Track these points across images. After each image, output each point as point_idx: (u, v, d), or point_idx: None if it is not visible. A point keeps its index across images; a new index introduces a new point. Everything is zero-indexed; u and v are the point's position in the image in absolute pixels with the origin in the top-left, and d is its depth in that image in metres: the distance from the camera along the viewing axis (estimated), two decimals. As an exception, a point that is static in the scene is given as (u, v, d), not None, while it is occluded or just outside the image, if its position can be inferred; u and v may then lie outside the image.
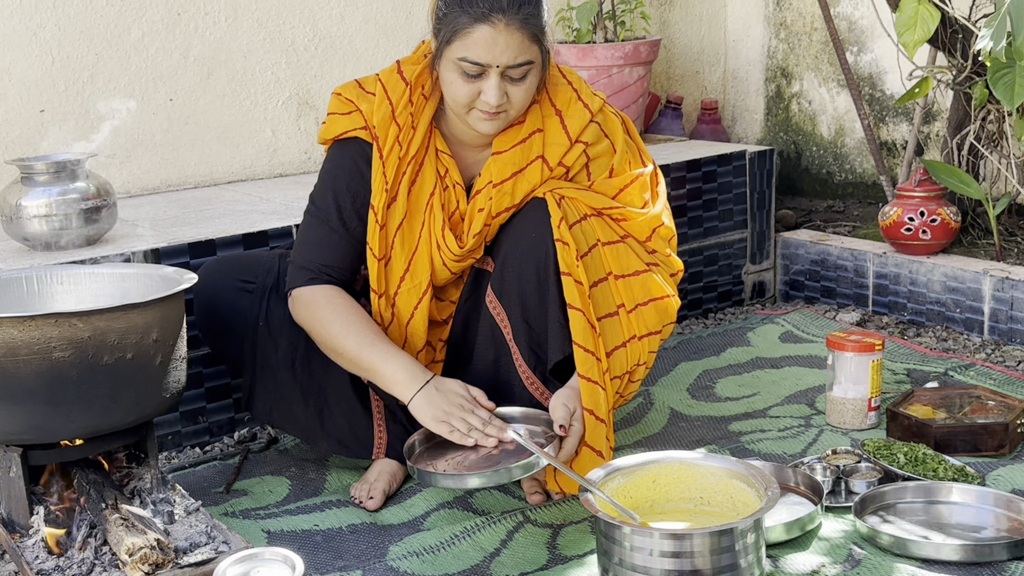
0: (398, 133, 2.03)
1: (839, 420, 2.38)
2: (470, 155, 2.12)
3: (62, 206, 2.31)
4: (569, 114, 2.06)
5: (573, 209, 2.02)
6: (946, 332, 2.95)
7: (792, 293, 3.38)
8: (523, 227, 2.03)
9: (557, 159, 2.06)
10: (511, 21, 1.90)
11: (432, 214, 2.06)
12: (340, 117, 2.08)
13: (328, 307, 2.04)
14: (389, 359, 1.99)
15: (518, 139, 2.05)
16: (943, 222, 2.98)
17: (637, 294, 2.03)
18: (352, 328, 2.02)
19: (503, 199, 2.05)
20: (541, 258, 2.00)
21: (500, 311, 2.07)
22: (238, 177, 3.17)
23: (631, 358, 2.02)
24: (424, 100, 2.06)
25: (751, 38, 4.16)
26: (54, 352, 1.73)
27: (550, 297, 2.01)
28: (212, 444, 2.46)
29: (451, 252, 2.05)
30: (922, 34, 2.83)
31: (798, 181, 4.10)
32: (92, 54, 2.90)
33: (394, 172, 2.04)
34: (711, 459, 1.84)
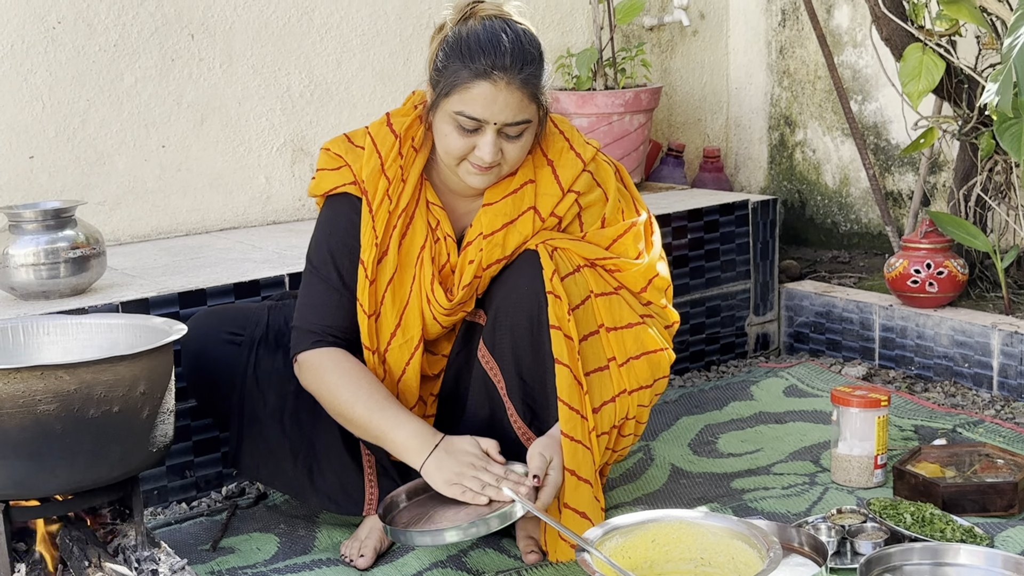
0: (387, 187, 2.05)
1: (844, 478, 2.38)
2: (461, 205, 2.13)
3: (50, 255, 2.32)
4: (561, 164, 2.08)
5: (566, 261, 2.03)
6: (954, 387, 2.95)
7: (796, 346, 3.38)
8: (515, 280, 2.05)
9: (549, 210, 2.07)
10: (512, 80, 1.93)
11: (422, 267, 2.07)
12: (329, 173, 2.10)
13: (336, 372, 2.04)
14: (398, 425, 1.99)
15: (509, 190, 2.07)
16: (950, 275, 2.99)
17: (630, 347, 2.04)
18: (361, 393, 2.02)
19: (494, 251, 2.06)
20: (534, 311, 2.01)
21: (493, 365, 2.07)
22: (230, 224, 3.19)
23: (619, 413, 2.03)
24: (414, 152, 2.07)
25: (754, 86, 4.20)
26: (39, 405, 1.73)
27: (545, 350, 2.01)
28: (199, 499, 2.45)
29: (440, 306, 2.06)
30: (927, 84, 2.86)
31: (802, 231, 4.12)
32: (83, 100, 2.93)
33: (384, 226, 2.05)
34: (712, 518, 1.83)
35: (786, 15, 4.06)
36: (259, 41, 3.16)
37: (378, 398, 2.01)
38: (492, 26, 1.94)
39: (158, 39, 3.01)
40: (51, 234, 2.34)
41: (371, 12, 3.34)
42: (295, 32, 3.22)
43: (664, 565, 1.81)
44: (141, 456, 1.87)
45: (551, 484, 1.93)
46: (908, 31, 2.96)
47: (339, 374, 2.03)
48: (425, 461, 1.95)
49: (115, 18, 2.94)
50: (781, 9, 4.07)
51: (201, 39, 3.07)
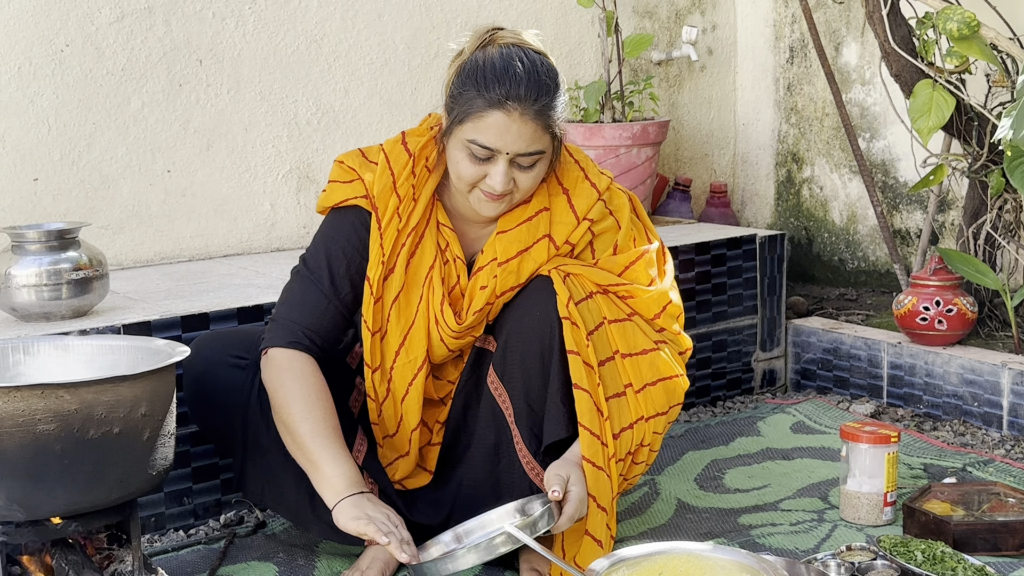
0: (398, 204, 2.05)
1: (854, 515, 2.35)
2: (472, 231, 2.13)
3: (52, 276, 2.31)
4: (576, 193, 2.08)
5: (579, 287, 2.02)
6: (963, 426, 2.93)
7: (803, 383, 3.37)
8: (527, 305, 2.04)
9: (564, 238, 2.07)
10: (526, 111, 1.93)
11: (431, 288, 2.07)
12: (341, 185, 2.10)
13: (299, 382, 2.01)
14: (334, 460, 1.95)
15: (524, 217, 2.07)
16: (959, 312, 2.98)
17: (645, 374, 2.03)
18: (314, 414, 1.98)
19: (508, 278, 2.05)
20: (546, 337, 2.00)
21: (502, 392, 2.06)
22: (234, 251, 3.19)
23: (636, 439, 2.02)
24: (427, 172, 2.07)
25: (761, 122, 4.21)
26: (39, 425, 1.71)
27: (552, 377, 2.00)
28: (196, 527, 2.42)
29: (449, 328, 2.05)
30: (936, 120, 2.87)
31: (809, 268, 4.11)
32: (90, 123, 2.93)
33: (392, 244, 2.05)
34: (721, 551, 1.81)
35: (794, 52, 4.08)
36: (267, 68, 3.17)
37: (327, 426, 1.98)
38: (509, 54, 1.94)
39: (166, 64, 3.02)
40: (54, 255, 2.33)
41: (380, 41, 3.35)
42: (303, 59, 3.23)
43: (671, 599, 1.79)
44: (141, 479, 1.85)
45: (575, 498, 1.90)
46: (918, 67, 2.97)
47: (301, 385, 2.00)
48: (344, 499, 1.91)
49: (123, 42, 2.96)
50: (789, 46, 4.09)
51: (209, 65, 3.08)
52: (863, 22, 3.72)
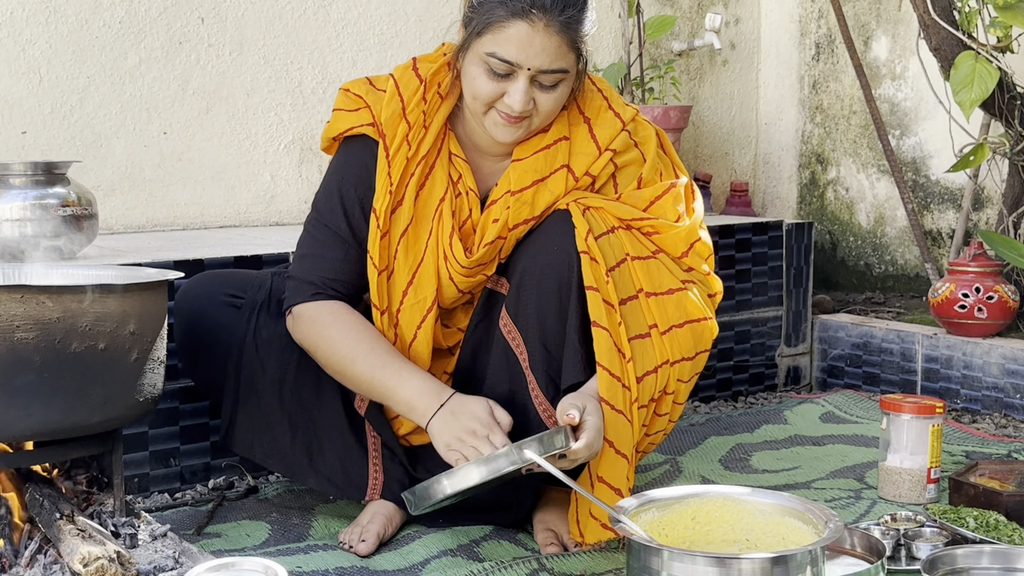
0: (407, 132, 1.95)
1: (894, 492, 2.23)
2: (487, 164, 2.03)
3: (37, 210, 2.21)
4: (599, 123, 1.99)
5: (600, 220, 1.92)
6: (1005, 419, 2.82)
7: (830, 381, 3.25)
8: (544, 240, 1.93)
9: (583, 169, 1.97)
10: (551, 22, 1.83)
11: (441, 221, 1.97)
12: (346, 114, 2.01)
13: (336, 325, 1.93)
14: (404, 382, 1.89)
15: (541, 146, 1.97)
16: (1000, 300, 2.88)
17: (671, 314, 1.91)
18: (363, 348, 1.91)
19: (522, 209, 1.95)
20: (564, 273, 1.89)
21: (516, 335, 1.94)
22: (231, 222, 3.09)
23: (659, 384, 1.90)
24: (439, 99, 1.98)
25: (784, 122, 4.14)
26: (16, 332, 1.60)
27: (571, 316, 1.89)
28: (183, 491, 2.30)
29: (458, 264, 1.95)
30: (980, 92, 2.79)
31: (833, 274, 4.01)
32: (83, 77, 2.85)
33: (400, 173, 1.95)
34: (760, 494, 1.70)
35: (820, 48, 4.01)
36: (272, 31, 3.10)
37: (381, 353, 1.90)
38: None
39: (166, 20, 2.94)
40: (40, 189, 2.23)
41: (390, 12, 3.28)
42: (310, 26, 3.16)
43: (704, 546, 1.66)
44: (126, 404, 1.73)
45: (592, 427, 1.77)
46: (959, 39, 2.90)
47: (339, 328, 1.92)
48: (431, 420, 1.84)
49: (122, -6, 2.88)
50: (815, 43, 4.03)
51: (211, 23, 3.01)
52: (896, 9, 3.67)
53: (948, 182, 3.64)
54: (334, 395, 2.04)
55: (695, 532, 1.68)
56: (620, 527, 1.57)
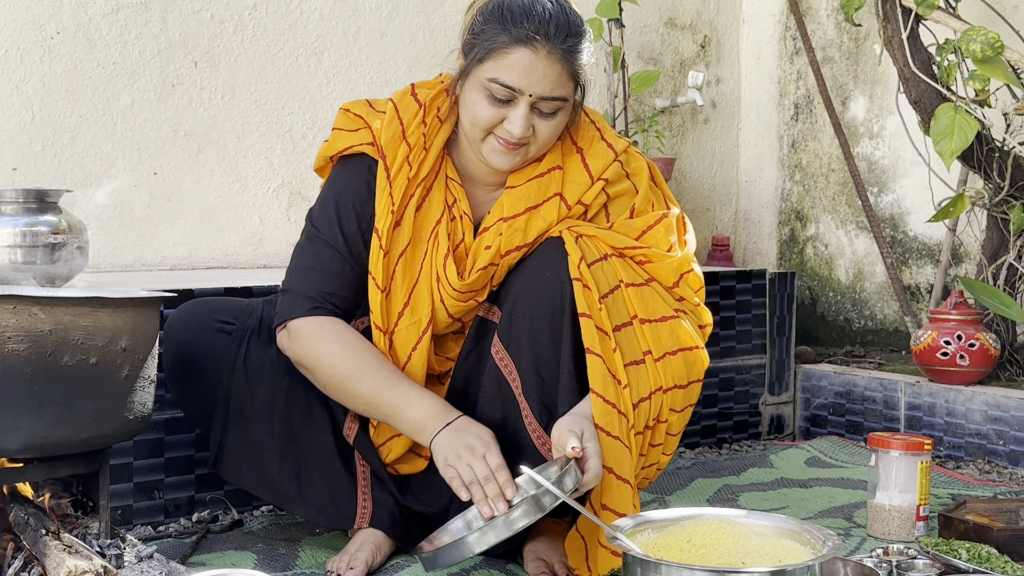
0: (408, 153, 1.95)
1: (883, 530, 2.20)
2: (481, 193, 2.02)
3: (28, 237, 2.17)
4: (591, 153, 1.98)
5: (592, 248, 1.90)
6: (988, 465, 2.80)
7: (814, 429, 3.23)
8: (536, 267, 1.92)
9: (576, 198, 1.96)
10: (554, 50, 1.84)
11: (436, 243, 1.95)
12: (346, 133, 2.00)
13: (339, 343, 1.90)
14: (413, 402, 1.86)
15: (535, 174, 1.96)
16: (982, 347, 2.88)
17: (665, 342, 1.89)
18: (369, 367, 1.88)
19: (514, 236, 1.94)
20: (556, 300, 1.87)
21: (508, 362, 1.92)
22: (219, 263, 3.06)
23: (653, 412, 1.86)
24: (439, 123, 1.98)
25: (764, 179, 4.16)
26: (8, 343, 1.57)
27: (563, 343, 1.86)
28: (167, 524, 2.24)
29: (451, 287, 1.93)
30: (960, 143, 2.81)
31: (813, 329, 4.01)
32: (76, 116, 2.83)
33: (401, 193, 1.94)
34: (756, 516, 1.66)
35: (799, 108, 4.05)
36: (264, 77, 3.10)
37: (387, 373, 1.87)
38: None
39: (159, 62, 2.94)
40: (31, 217, 2.18)
41: (381, 61, 3.29)
42: (302, 72, 3.16)
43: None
44: (115, 422, 1.69)
45: (594, 453, 1.73)
46: (939, 92, 2.93)
47: (342, 346, 1.88)
48: (436, 436, 1.81)
49: (117, 35, 2.88)
50: (794, 103, 4.07)
51: (204, 67, 3.00)
52: (875, 65, 3.72)
53: (926, 238, 3.66)
54: (324, 423, 2.00)
55: (691, 554, 1.63)
56: (617, 543, 1.54)
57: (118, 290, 1.88)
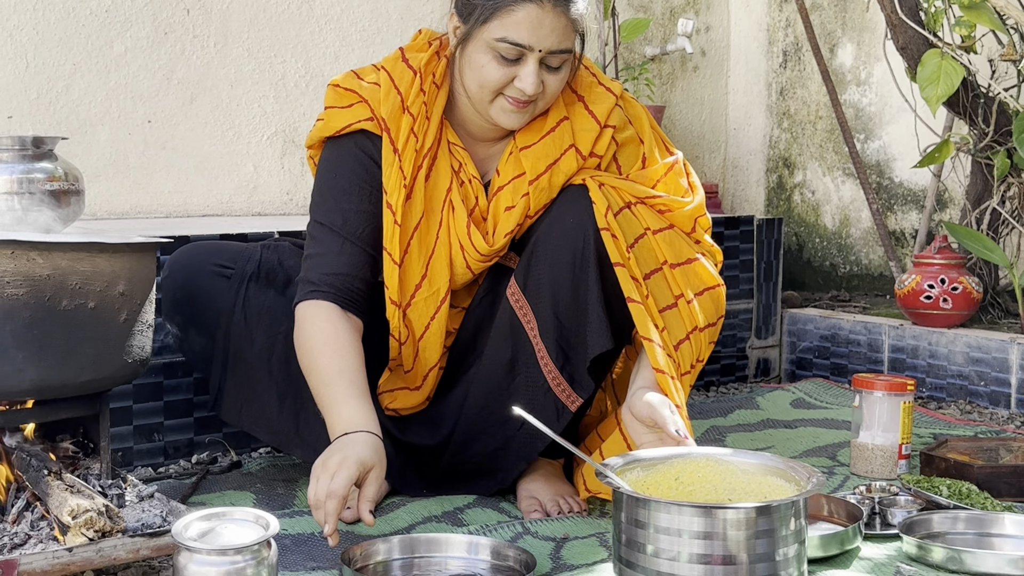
0: (412, 124, 1.91)
1: (866, 469, 2.22)
2: (481, 150, 2.01)
3: (25, 184, 2.16)
4: (592, 99, 1.98)
5: (616, 197, 1.90)
6: (970, 406, 2.82)
7: (799, 372, 3.25)
8: (559, 213, 1.91)
9: (589, 147, 1.95)
10: (558, 3, 1.82)
11: (452, 211, 1.94)
12: (341, 111, 1.95)
13: (314, 328, 1.85)
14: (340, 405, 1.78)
15: (545, 130, 1.95)
16: (965, 291, 2.89)
17: (693, 283, 1.92)
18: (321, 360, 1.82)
19: (541, 196, 1.93)
20: (579, 246, 1.87)
21: (524, 305, 1.91)
22: (214, 211, 3.05)
23: (695, 351, 1.89)
24: (436, 88, 1.94)
25: (753, 127, 4.15)
26: (7, 288, 1.57)
27: (588, 288, 1.87)
28: (167, 465, 2.26)
29: (477, 252, 1.92)
30: (945, 89, 2.80)
31: (800, 274, 4.02)
32: (69, 64, 2.81)
33: (411, 166, 1.91)
34: (743, 454, 1.68)
35: (787, 56, 4.03)
36: (256, 24, 3.07)
37: (333, 371, 1.81)
38: None
39: (152, 10, 2.91)
40: (27, 164, 2.18)
41: (372, 9, 3.27)
42: (294, 20, 3.14)
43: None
44: (115, 365, 1.69)
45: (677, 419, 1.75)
46: (925, 38, 2.92)
47: (313, 332, 1.84)
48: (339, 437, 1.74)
49: (109, -17, 2.85)
50: (783, 50, 4.05)
51: (196, 15, 2.98)
52: (863, 11, 3.70)
53: (911, 184, 3.66)
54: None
55: (679, 491, 1.65)
56: (607, 481, 1.55)
57: (115, 236, 1.88)
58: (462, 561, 1.70)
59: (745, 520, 1.46)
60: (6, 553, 1.49)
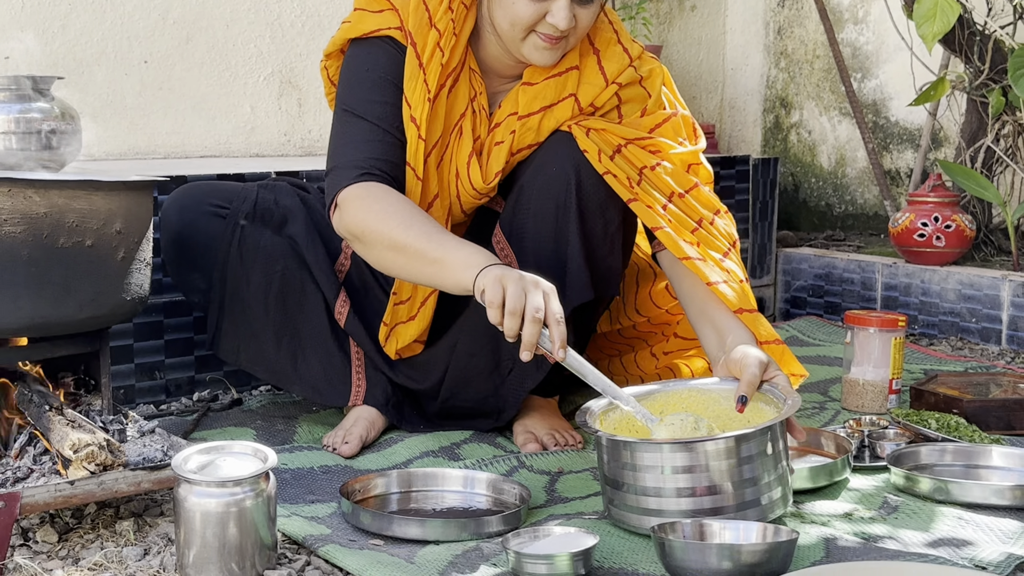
0: (439, 39, 1.86)
1: (856, 403, 2.24)
2: (495, 84, 1.98)
3: (22, 124, 2.16)
4: (607, 56, 1.94)
5: (604, 142, 1.88)
6: (961, 342, 2.83)
7: (793, 311, 3.26)
8: (543, 159, 1.90)
9: (589, 100, 1.93)
10: None
11: (460, 138, 1.92)
12: (370, 14, 1.90)
13: (384, 200, 1.77)
14: (463, 245, 1.69)
15: (552, 72, 1.92)
16: (958, 229, 2.89)
17: (706, 206, 1.92)
18: (415, 220, 1.74)
19: (527, 135, 1.92)
20: (561, 194, 1.86)
21: (508, 252, 1.91)
22: (212, 152, 3.04)
23: (739, 266, 1.89)
24: (464, 9, 1.90)
25: (750, 67, 4.12)
26: (4, 226, 1.57)
27: (570, 237, 1.86)
28: (168, 403, 2.27)
29: (472, 187, 1.91)
30: (942, 26, 2.78)
31: (795, 215, 4.02)
32: (65, 3, 2.79)
33: (436, 80, 1.87)
34: (724, 383, 1.69)
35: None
36: (251, -36, 3.04)
37: (434, 225, 1.75)
38: None
39: (147, -51, 2.88)
40: (24, 104, 2.17)
41: (368, -52, 3.22)
42: (289, -41, 3.10)
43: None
44: (113, 302, 1.70)
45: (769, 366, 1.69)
46: (922, -25, 2.88)
47: (388, 203, 1.77)
48: (489, 267, 1.63)
49: (103, -78, 2.81)
50: (780, -11, 4.01)
51: (192, -46, 2.95)
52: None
53: (907, 123, 3.65)
54: (318, 305, 2.01)
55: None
56: (587, 428, 1.57)
57: (111, 174, 1.88)
58: (459, 495, 1.72)
59: (725, 450, 1.47)
60: (9, 487, 1.51)
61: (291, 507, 1.68)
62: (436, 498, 1.72)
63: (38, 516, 1.62)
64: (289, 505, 1.69)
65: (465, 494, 1.72)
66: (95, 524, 1.61)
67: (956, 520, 1.60)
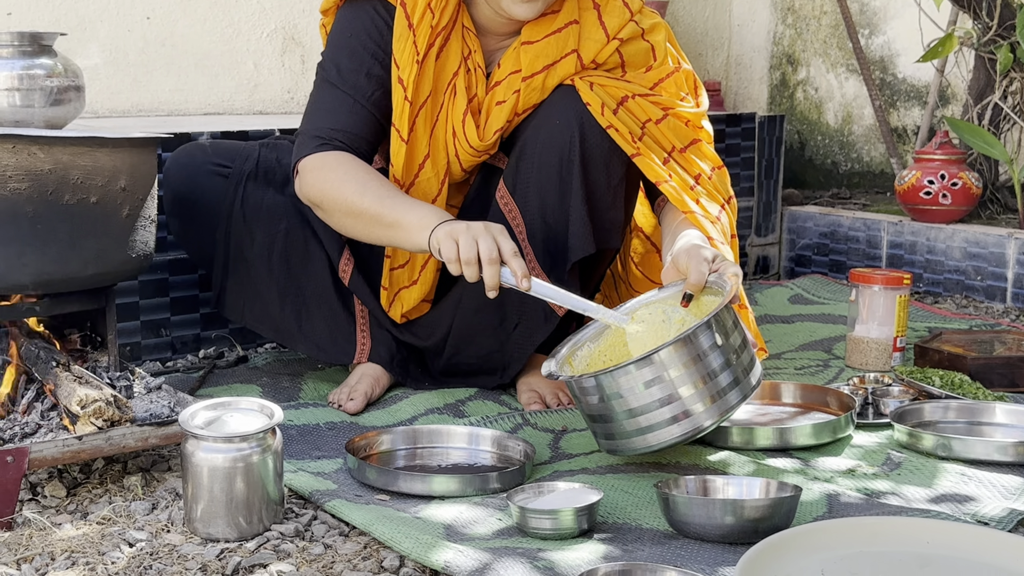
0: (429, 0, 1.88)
1: (861, 361, 2.24)
2: (491, 42, 1.97)
3: (25, 80, 2.15)
4: (608, 11, 1.93)
5: (608, 96, 1.88)
6: (966, 300, 2.84)
7: (798, 270, 3.26)
8: (547, 113, 1.89)
9: (591, 56, 1.92)
10: None
11: (454, 96, 1.91)
12: None
13: (340, 168, 1.82)
14: (415, 207, 1.74)
15: (552, 29, 1.91)
16: (964, 186, 2.88)
17: (704, 161, 1.92)
18: (371, 185, 1.78)
19: (532, 95, 1.91)
20: (564, 147, 1.86)
21: (512, 207, 1.91)
22: (215, 110, 3.03)
23: (732, 222, 1.90)
24: None
25: (757, 23, 4.09)
26: (9, 183, 1.57)
27: (573, 190, 1.86)
28: (174, 360, 2.28)
29: (469, 145, 1.91)
30: (950, -19, 2.75)
31: (801, 172, 4.00)
32: (67, -41, 2.77)
33: (425, 42, 1.87)
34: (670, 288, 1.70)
35: (793, -50, 3.96)
36: (254, -81, 3.02)
37: (387, 188, 1.79)
38: None
39: (148, -96, 2.86)
40: (27, 60, 2.16)
41: (371, -98, 3.19)
42: (292, -86, 3.08)
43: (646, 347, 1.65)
44: (118, 259, 1.70)
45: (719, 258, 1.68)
46: (931, -70, 2.86)
47: (345, 169, 1.81)
48: (440, 225, 1.69)
49: None
50: (788, -56, 3.97)
51: (193, -91, 2.92)
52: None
53: (915, 80, 3.63)
54: (321, 264, 2.01)
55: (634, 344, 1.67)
56: (556, 376, 1.59)
57: (115, 131, 1.88)
58: (463, 452, 1.73)
59: (676, 355, 1.50)
60: (17, 442, 1.52)
61: (297, 463, 1.69)
62: (441, 454, 1.73)
63: (46, 471, 1.63)
64: (295, 461, 1.70)
65: (470, 451, 1.73)
66: (103, 479, 1.62)
67: (959, 476, 1.60)
